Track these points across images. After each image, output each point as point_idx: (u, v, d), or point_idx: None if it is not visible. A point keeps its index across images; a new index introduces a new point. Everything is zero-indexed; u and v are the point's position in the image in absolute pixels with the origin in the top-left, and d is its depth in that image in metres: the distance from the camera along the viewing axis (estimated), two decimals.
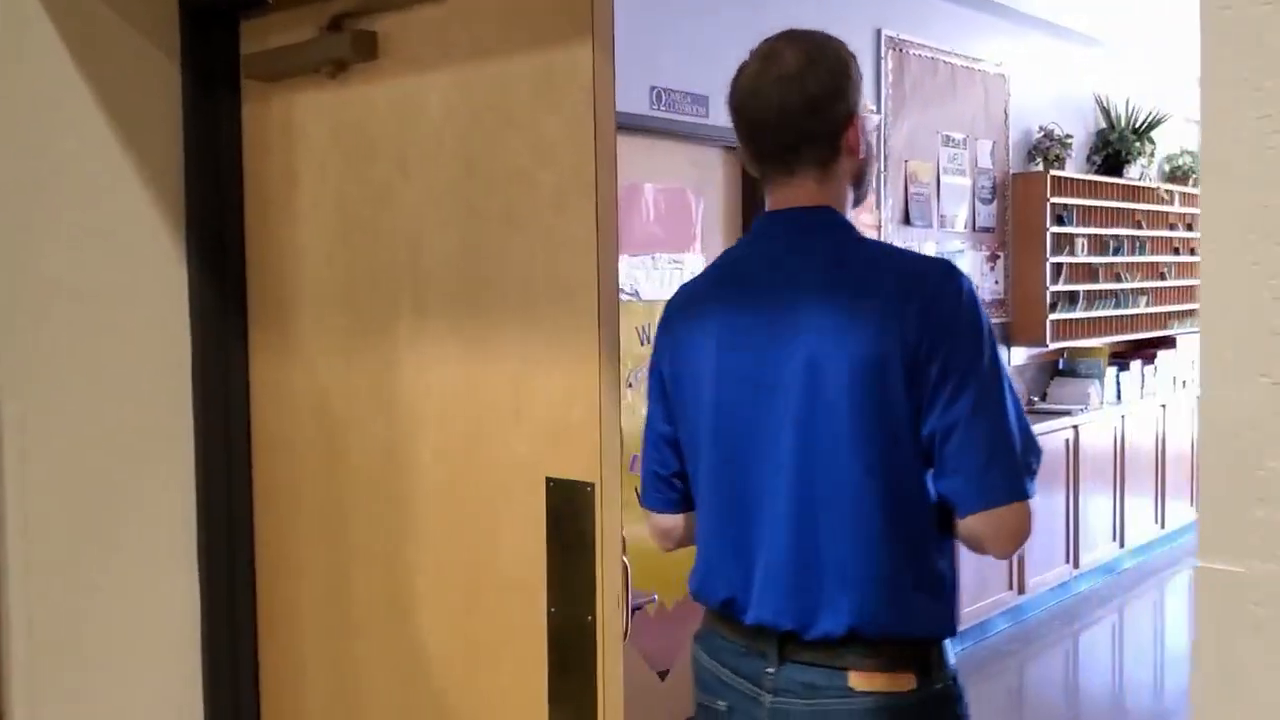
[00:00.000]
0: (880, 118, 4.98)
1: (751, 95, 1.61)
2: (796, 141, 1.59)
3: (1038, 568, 5.41)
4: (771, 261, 1.63)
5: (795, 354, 1.54)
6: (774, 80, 1.58)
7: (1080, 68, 6.56)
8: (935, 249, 5.36)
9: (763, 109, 1.60)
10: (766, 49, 1.62)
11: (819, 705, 1.52)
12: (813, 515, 1.52)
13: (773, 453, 1.56)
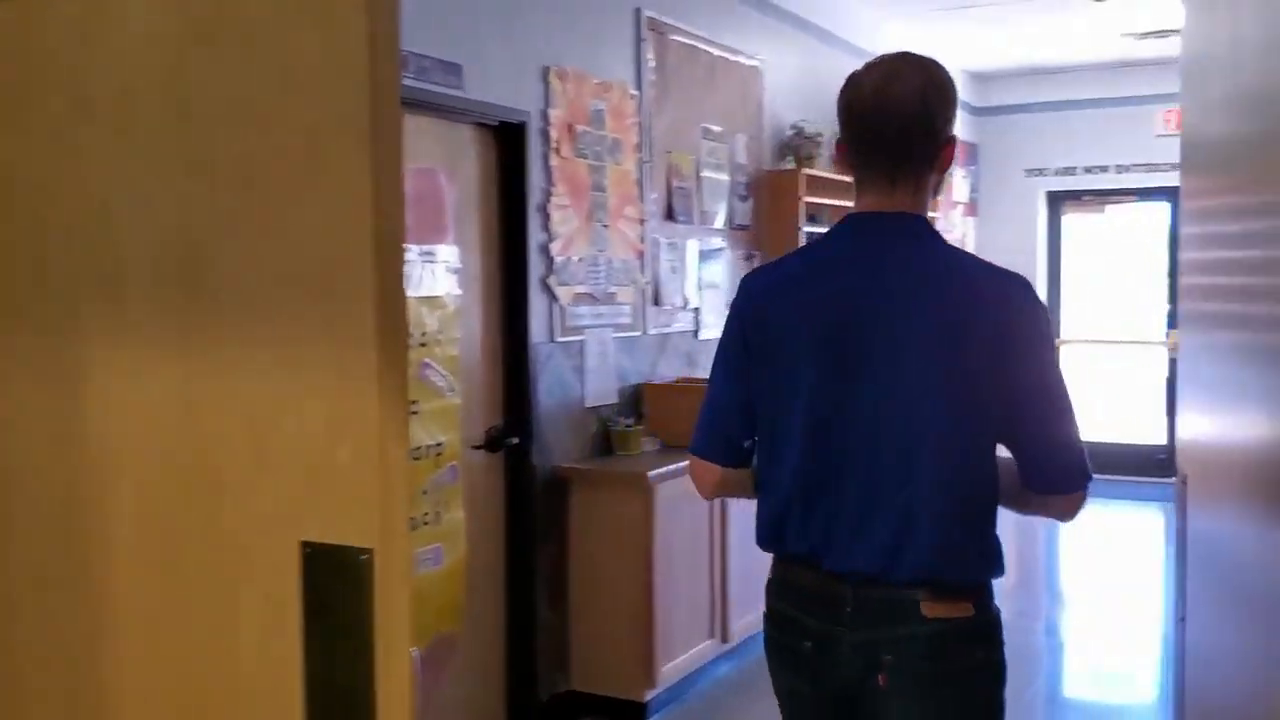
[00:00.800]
0: (637, 100, 4.66)
1: (876, 110, 1.82)
2: (907, 156, 1.82)
3: None
4: (874, 257, 1.82)
5: (897, 344, 1.77)
6: (897, 98, 1.80)
7: (828, 67, 6.52)
8: (698, 246, 5.10)
9: (884, 123, 1.81)
10: (889, 68, 1.84)
11: (897, 632, 1.78)
12: (902, 485, 1.77)
13: (867, 430, 1.79)
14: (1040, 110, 8.86)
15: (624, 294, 4.57)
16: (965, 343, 1.75)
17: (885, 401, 1.79)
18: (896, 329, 1.78)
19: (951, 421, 1.77)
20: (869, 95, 1.83)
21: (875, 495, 1.79)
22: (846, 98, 1.88)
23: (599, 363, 4.42)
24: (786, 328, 1.86)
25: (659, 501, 4.11)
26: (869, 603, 1.79)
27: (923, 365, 1.77)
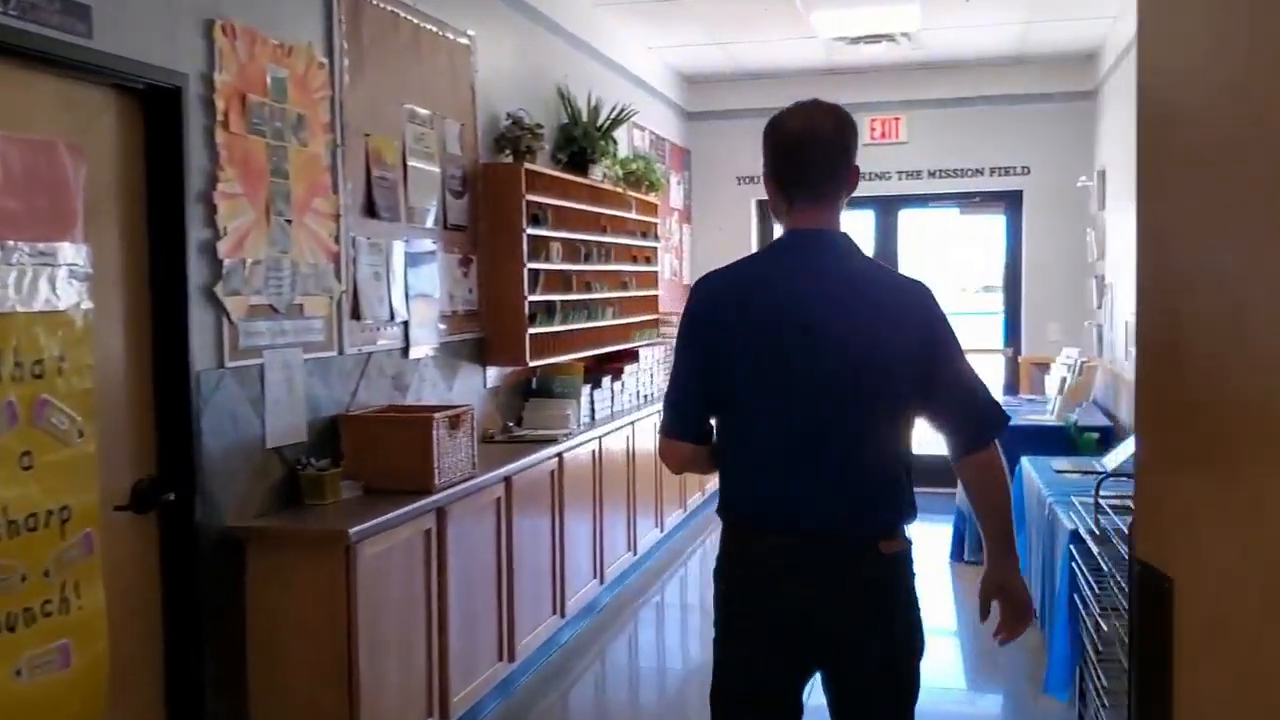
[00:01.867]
0: (328, 71, 3.85)
1: (804, 144, 2.28)
2: (830, 178, 2.27)
3: (527, 626, 4.60)
4: (816, 266, 2.25)
5: (839, 338, 2.19)
6: (819, 135, 2.28)
7: (544, 53, 5.92)
8: (405, 248, 4.32)
9: (812, 153, 2.27)
10: (808, 110, 2.32)
11: (863, 570, 2.22)
12: (852, 458, 2.22)
13: (820, 411, 2.20)
14: (750, 117, 8.64)
15: (314, 305, 3.74)
16: (891, 335, 2.20)
17: (833, 386, 2.19)
18: (836, 325, 2.19)
19: (886, 401, 2.22)
20: (797, 132, 2.28)
21: (833, 465, 2.20)
22: (774, 138, 2.31)
23: (283, 392, 3.57)
24: (746, 324, 2.22)
25: (362, 564, 3.32)
26: (840, 552, 2.21)
27: (860, 355, 2.18)
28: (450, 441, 3.88)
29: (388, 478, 3.75)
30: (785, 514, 2.22)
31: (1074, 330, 7.93)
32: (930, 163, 8.41)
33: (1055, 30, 7.21)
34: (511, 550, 4.41)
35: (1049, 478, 4.76)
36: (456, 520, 3.91)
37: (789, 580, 2.21)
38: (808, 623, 2.22)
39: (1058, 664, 3.80)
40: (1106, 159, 7.29)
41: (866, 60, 7.99)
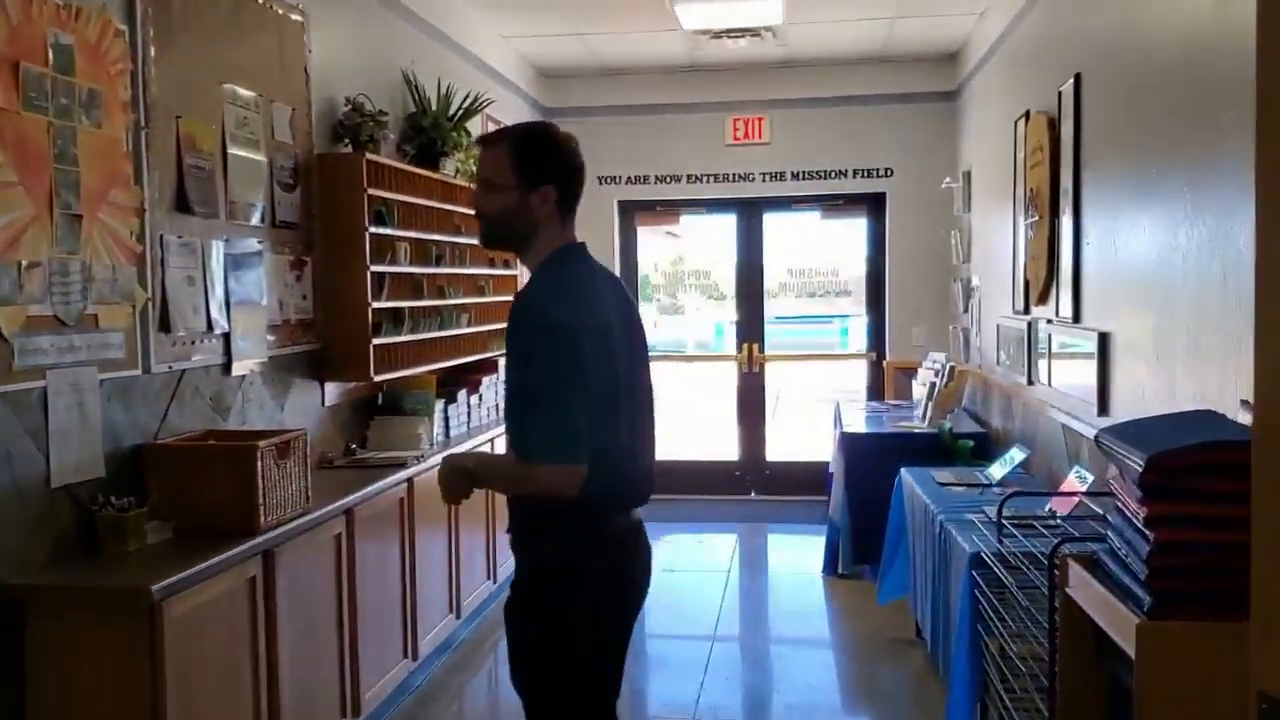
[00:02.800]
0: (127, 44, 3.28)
1: (583, 170, 2.53)
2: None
3: (373, 676, 4.09)
4: (605, 272, 2.60)
5: (641, 335, 2.60)
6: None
7: (388, 36, 5.40)
8: (224, 249, 3.76)
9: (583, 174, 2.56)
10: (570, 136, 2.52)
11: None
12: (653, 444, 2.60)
13: (648, 403, 2.58)
14: (610, 114, 8.29)
15: (112, 316, 3.16)
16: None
17: (648, 379, 2.59)
18: (637, 323, 2.60)
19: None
20: (578, 151, 2.52)
21: (652, 451, 2.60)
22: (568, 152, 2.49)
23: (73, 419, 2.99)
24: (613, 331, 2.43)
25: (171, 625, 2.77)
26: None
27: (644, 350, 2.62)
28: (279, 473, 3.35)
29: (204, 517, 3.20)
30: (637, 498, 2.54)
31: (939, 334, 7.82)
32: (794, 164, 8.18)
33: (920, 27, 7.06)
34: (354, 592, 3.89)
35: (933, 491, 4.51)
36: (287, 564, 3.38)
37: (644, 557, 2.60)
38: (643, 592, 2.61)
39: (960, 697, 3.52)
40: (971, 159, 7.18)
41: (730, 57, 7.71)
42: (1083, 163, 4.25)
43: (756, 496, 8.49)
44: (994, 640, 3.36)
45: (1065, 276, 4.44)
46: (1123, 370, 3.76)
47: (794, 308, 14.11)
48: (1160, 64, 3.40)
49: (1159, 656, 2.11)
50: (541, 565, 2.44)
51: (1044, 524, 3.41)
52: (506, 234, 2.47)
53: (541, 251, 2.46)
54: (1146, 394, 3.47)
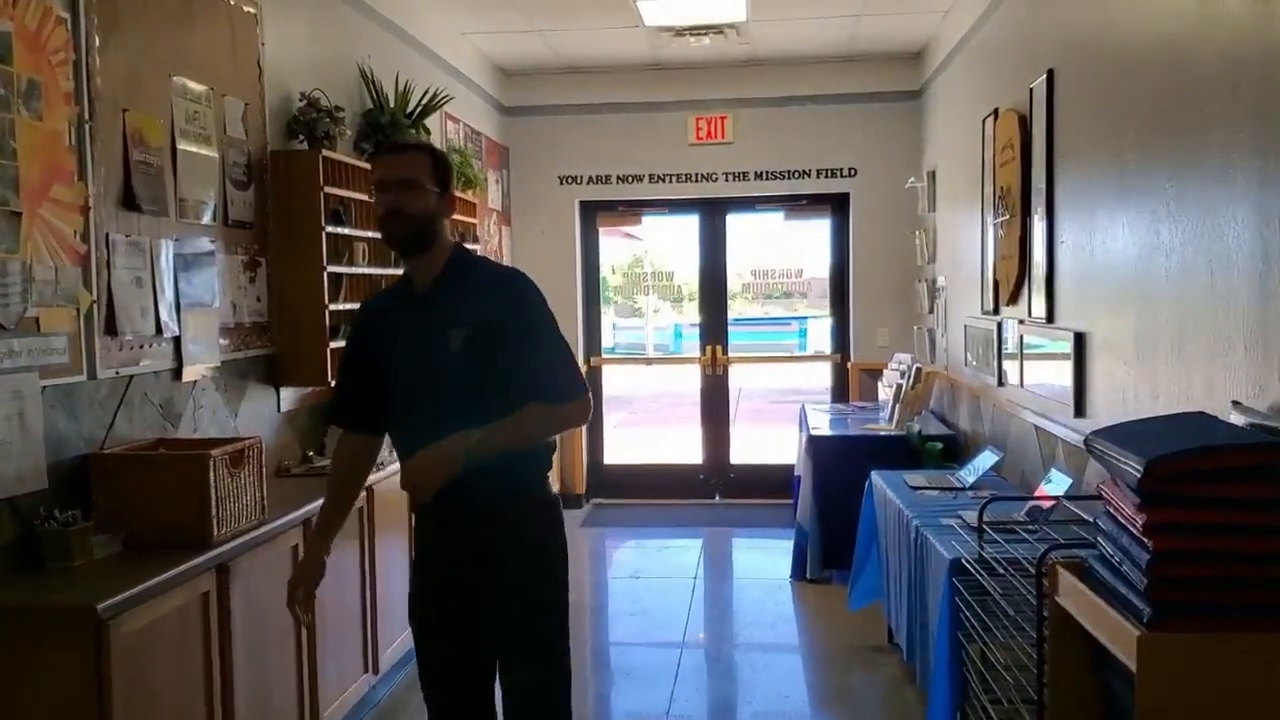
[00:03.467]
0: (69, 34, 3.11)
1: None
2: None
3: (333, 691, 3.94)
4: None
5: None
6: None
7: (345, 30, 5.24)
8: (173, 248, 3.60)
9: None
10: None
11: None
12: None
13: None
14: (571, 113, 8.17)
15: (54, 319, 2.99)
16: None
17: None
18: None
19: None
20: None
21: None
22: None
23: (13, 428, 2.81)
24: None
25: (119, 645, 2.61)
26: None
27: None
28: (232, 482, 3.20)
29: (154, 530, 3.04)
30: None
31: (903, 335, 7.77)
32: (757, 164, 8.10)
33: (885, 26, 7.01)
34: None
35: (906, 495, 4.44)
36: (242, 577, 3.23)
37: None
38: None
39: (939, 704, 3.44)
40: (936, 159, 7.13)
41: (693, 55, 7.62)
42: (1056, 160, 4.20)
43: (720, 500, 8.41)
44: (975, 647, 3.28)
45: (1038, 276, 4.38)
46: (1101, 371, 3.70)
47: (753, 310, 14.09)
48: (1139, 57, 3.34)
49: (1161, 669, 2.02)
50: (537, 497, 2.75)
51: (1024, 528, 3.34)
52: (425, 233, 2.65)
53: (445, 249, 2.70)
54: (1127, 395, 3.41)
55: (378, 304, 2.91)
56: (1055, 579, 2.54)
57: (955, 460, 5.62)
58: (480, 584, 2.69)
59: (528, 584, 2.69)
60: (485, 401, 2.59)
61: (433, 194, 2.65)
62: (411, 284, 2.75)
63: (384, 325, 2.76)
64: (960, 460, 5.51)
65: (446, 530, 2.71)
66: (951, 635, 3.38)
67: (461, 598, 2.72)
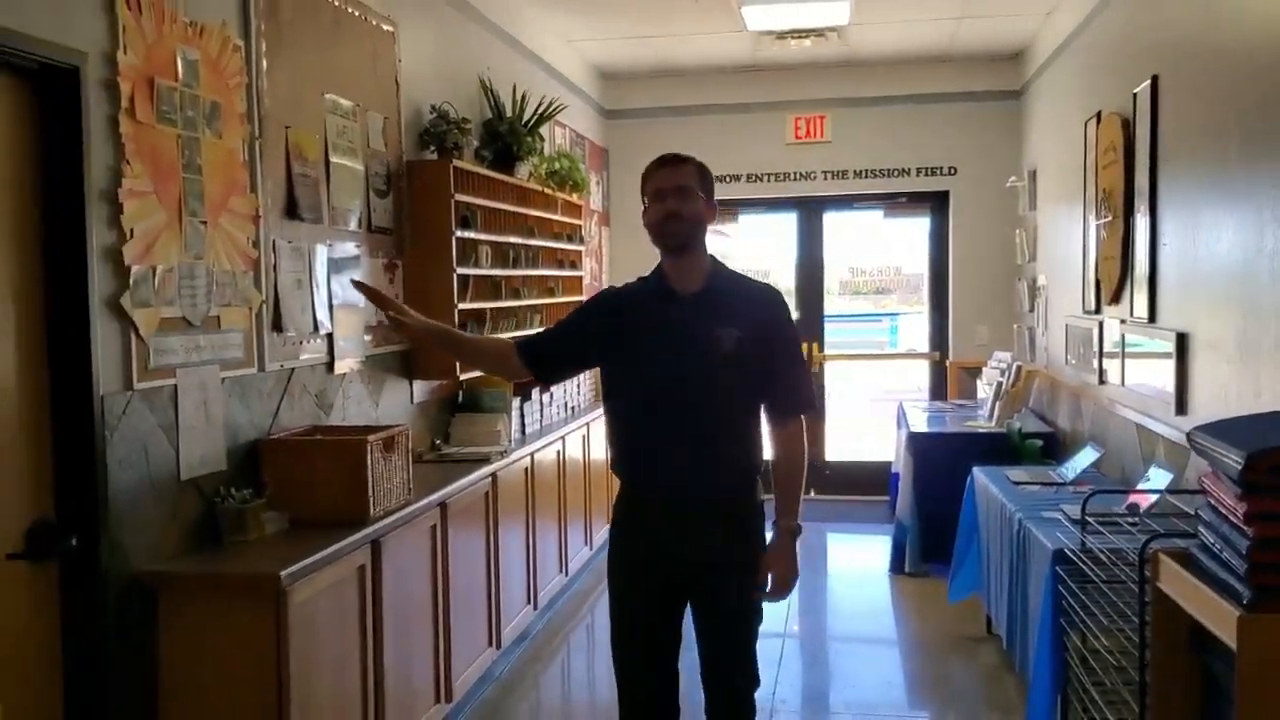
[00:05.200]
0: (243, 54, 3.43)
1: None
2: None
3: (463, 662, 4.24)
4: None
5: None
6: None
7: (467, 44, 5.55)
8: (327, 253, 3.92)
9: None
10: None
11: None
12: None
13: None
14: (669, 115, 8.40)
15: (232, 317, 3.33)
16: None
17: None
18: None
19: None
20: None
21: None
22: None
23: (200, 416, 3.15)
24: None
25: (294, 611, 2.93)
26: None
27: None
28: (385, 465, 3.50)
29: (317, 508, 3.35)
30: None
31: (1003, 334, 7.86)
32: (855, 162, 8.25)
33: (986, 27, 7.10)
34: (448, 582, 4.04)
35: (1008, 490, 4.58)
36: (392, 553, 3.53)
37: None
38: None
39: (1041, 693, 3.60)
40: (1036, 158, 7.21)
41: (792, 57, 7.79)
42: (1159, 163, 4.31)
43: (815, 496, 8.57)
44: (1077, 633, 3.43)
45: (1140, 277, 4.49)
46: (1203, 370, 3.82)
47: (845, 306, 14.12)
48: (1246, 62, 3.44)
49: (1260, 648, 2.18)
50: (755, 500, 2.90)
51: (1126, 521, 3.48)
52: (695, 234, 2.87)
53: (704, 254, 2.92)
54: (1229, 394, 3.53)
55: (628, 294, 3.01)
56: (1158, 566, 2.69)
57: (1054, 457, 5.72)
58: (697, 584, 2.87)
59: (745, 586, 2.86)
60: (734, 400, 2.82)
61: (701, 199, 2.87)
62: (669, 282, 2.89)
63: (633, 316, 2.91)
64: (1059, 457, 5.62)
65: (665, 527, 2.85)
66: (1054, 622, 3.54)
67: (673, 595, 2.90)
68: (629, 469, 2.94)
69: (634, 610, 2.93)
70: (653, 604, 2.90)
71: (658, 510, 2.86)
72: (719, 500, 2.84)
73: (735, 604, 2.88)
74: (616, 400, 2.96)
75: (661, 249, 2.89)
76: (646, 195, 2.89)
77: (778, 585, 2.85)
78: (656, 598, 2.90)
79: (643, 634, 2.92)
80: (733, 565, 2.84)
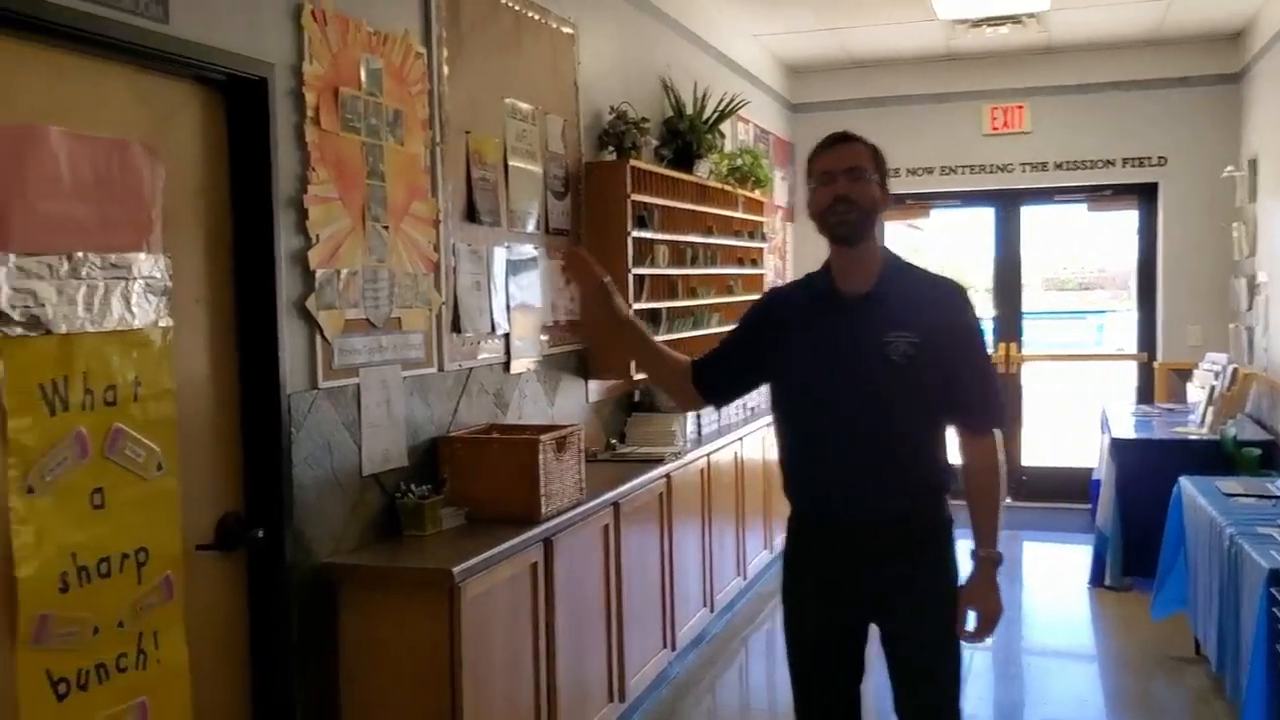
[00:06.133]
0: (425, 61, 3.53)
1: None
2: None
3: (636, 662, 4.24)
4: None
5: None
6: None
7: (648, 43, 5.56)
8: (505, 255, 4.00)
9: None
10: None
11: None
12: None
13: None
14: (857, 107, 8.20)
15: (413, 319, 3.42)
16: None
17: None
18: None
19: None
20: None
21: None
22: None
23: (381, 414, 3.26)
24: None
25: (467, 606, 2.98)
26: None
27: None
28: (557, 465, 3.53)
29: (491, 505, 3.42)
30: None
31: (1217, 334, 7.31)
32: (1056, 154, 7.85)
33: (1200, 6, 6.62)
34: (621, 581, 4.05)
35: (1219, 502, 4.25)
36: (564, 551, 3.56)
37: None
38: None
39: (1254, 717, 3.31)
40: (1257, 146, 6.67)
41: (987, 45, 7.48)
42: None
43: (1012, 503, 8.21)
44: None
45: None
46: None
47: (1047, 303, 13.49)
48: None
49: None
50: (944, 514, 2.61)
51: None
52: (867, 222, 2.55)
53: (876, 247, 2.60)
54: None
55: (790, 296, 2.74)
56: None
57: (1274, 468, 5.28)
58: (882, 619, 2.59)
59: (938, 619, 2.55)
60: (910, 413, 2.51)
61: (875, 184, 2.54)
62: (834, 281, 2.59)
63: (797, 320, 2.61)
64: (1279, 468, 5.18)
65: (839, 558, 2.58)
66: (1269, 647, 3.25)
67: (853, 633, 2.64)
68: (796, 493, 2.67)
69: (812, 654, 2.65)
70: (832, 645, 2.63)
71: (829, 539, 2.58)
72: (896, 523, 2.52)
73: (929, 641, 2.55)
74: (782, 420, 2.70)
75: (829, 238, 2.57)
76: (813, 178, 2.58)
77: (981, 624, 2.55)
78: (835, 638, 2.63)
79: (822, 677, 2.66)
80: (921, 595, 2.54)
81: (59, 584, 2.27)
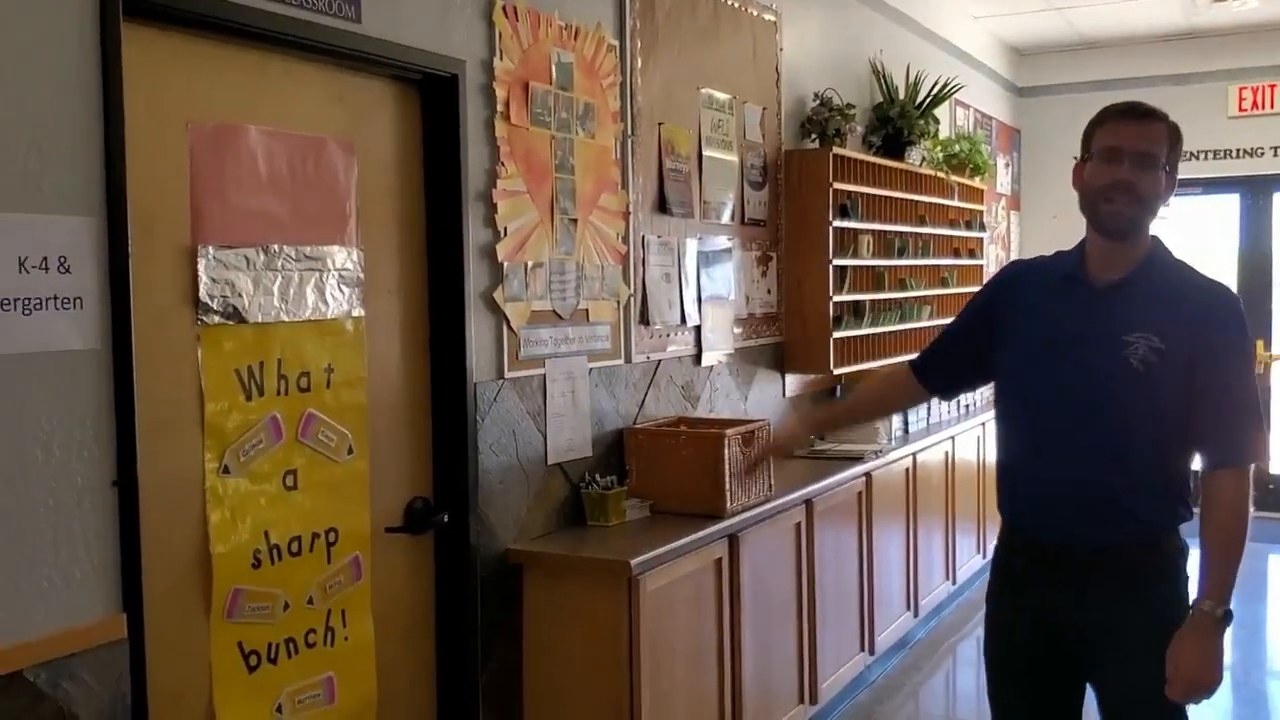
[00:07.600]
0: (616, 54, 3.53)
1: None
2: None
3: (830, 665, 4.13)
4: None
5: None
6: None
7: (857, 26, 5.39)
8: (696, 247, 3.96)
9: None
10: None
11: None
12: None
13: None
14: (1089, 90, 7.68)
15: (600, 311, 3.44)
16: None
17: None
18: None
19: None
20: None
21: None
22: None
23: (566, 404, 3.29)
24: None
25: (646, 599, 2.97)
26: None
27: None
28: (744, 459, 3.47)
29: (675, 498, 3.40)
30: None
31: None
32: None
33: None
34: (813, 581, 3.95)
35: None
36: (750, 548, 3.50)
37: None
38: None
39: None
40: None
41: (1234, 20, 6.87)
42: None
43: (1257, 513, 7.52)
44: None
45: None
46: None
47: None
48: None
49: None
50: (1164, 556, 2.26)
51: None
52: (1146, 218, 2.23)
53: (1145, 240, 2.26)
54: None
55: (1028, 276, 2.42)
56: None
57: None
58: (1096, 659, 2.27)
59: (1158, 666, 2.15)
60: (1144, 426, 2.19)
61: (1164, 175, 2.21)
62: (1086, 268, 2.28)
63: (1030, 305, 2.33)
64: None
65: (1048, 584, 2.28)
66: None
67: (1065, 675, 2.34)
68: (1007, 505, 2.38)
69: (1015, 695, 2.38)
70: (1037, 686, 2.35)
71: (1038, 561, 2.29)
72: (1114, 549, 2.20)
73: (1145, 688, 2.18)
74: (999, 420, 2.41)
75: (1094, 227, 2.25)
76: (1093, 150, 2.22)
77: (1177, 682, 2.12)
78: (1042, 678, 2.34)
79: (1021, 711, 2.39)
80: (1139, 633, 2.20)
81: (251, 560, 2.40)
